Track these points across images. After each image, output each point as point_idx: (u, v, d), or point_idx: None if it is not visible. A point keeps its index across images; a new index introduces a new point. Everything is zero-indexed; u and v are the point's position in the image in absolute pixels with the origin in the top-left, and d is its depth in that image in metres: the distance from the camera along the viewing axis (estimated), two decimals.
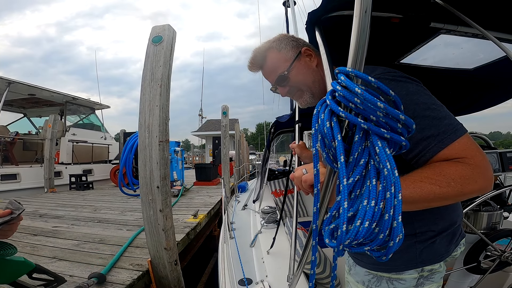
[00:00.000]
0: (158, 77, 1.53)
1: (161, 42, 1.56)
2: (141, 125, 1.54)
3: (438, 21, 0.78)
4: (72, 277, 1.64)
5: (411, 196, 0.50)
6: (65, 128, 7.64)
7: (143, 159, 1.55)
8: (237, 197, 3.86)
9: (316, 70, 0.81)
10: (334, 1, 0.69)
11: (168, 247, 1.61)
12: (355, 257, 0.81)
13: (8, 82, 5.89)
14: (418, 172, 0.53)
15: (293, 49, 0.82)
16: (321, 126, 0.46)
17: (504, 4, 0.73)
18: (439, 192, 0.50)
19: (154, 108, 1.51)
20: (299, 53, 0.81)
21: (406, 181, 0.51)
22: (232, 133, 8.50)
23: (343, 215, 0.41)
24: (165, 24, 1.60)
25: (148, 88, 1.52)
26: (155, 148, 1.52)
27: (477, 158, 0.53)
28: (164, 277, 1.64)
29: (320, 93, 0.80)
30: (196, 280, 2.92)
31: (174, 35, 1.64)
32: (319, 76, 0.80)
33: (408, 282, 0.70)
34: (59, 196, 5.41)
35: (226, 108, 5.18)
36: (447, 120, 0.57)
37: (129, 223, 3.16)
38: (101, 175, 7.87)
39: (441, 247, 0.70)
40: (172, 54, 1.63)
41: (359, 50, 0.41)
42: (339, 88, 0.43)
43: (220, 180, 6.13)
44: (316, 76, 0.80)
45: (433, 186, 0.50)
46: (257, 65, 0.87)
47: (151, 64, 1.56)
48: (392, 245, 0.41)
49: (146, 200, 1.58)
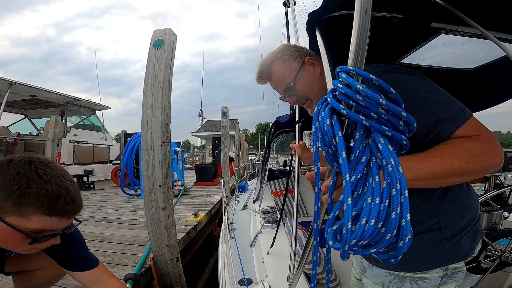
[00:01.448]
0: (160, 80, 1.55)
1: (162, 45, 1.59)
2: (143, 127, 1.57)
3: (438, 21, 0.79)
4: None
5: (442, 172, 0.51)
6: (66, 129, 7.67)
7: (145, 159, 1.57)
8: (237, 197, 3.88)
9: (321, 78, 0.81)
10: (334, 1, 0.70)
11: (170, 244, 1.64)
12: (371, 258, 0.79)
13: (10, 84, 5.92)
14: (443, 149, 0.55)
15: (297, 60, 0.84)
16: (321, 124, 0.46)
17: (504, 4, 0.73)
18: (466, 167, 0.52)
19: (156, 110, 1.53)
20: (303, 62, 0.83)
21: (436, 157, 0.53)
22: (232, 134, 8.52)
23: (348, 213, 0.39)
24: (166, 28, 1.62)
25: (150, 91, 1.55)
26: (158, 148, 1.54)
27: (489, 135, 0.56)
28: (166, 273, 1.67)
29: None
30: (197, 278, 2.95)
31: (174, 38, 1.66)
32: (324, 83, 0.80)
33: (433, 281, 0.69)
34: None
35: (225, 109, 5.21)
36: (455, 103, 0.60)
37: (131, 222, 3.19)
38: (102, 175, 7.89)
39: (466, 245, 0.70)
40: (173, 57, 1.65)
41: (359, 50, 0.42)
42: (340, 86, 0.43)
43: (220, 180, 6.15)
44: (321, 84, 0.82)
45: (461, 162, 0.52)
46: (264, 78, 0.90)
47: (153, 67, 1.58)
48: (402, 246, 0.39)
49: (148, 199, 1.60)
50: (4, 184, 0.66)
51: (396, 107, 0.42)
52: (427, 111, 0.60)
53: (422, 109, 0.60)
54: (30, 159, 0.72)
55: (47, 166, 0.73)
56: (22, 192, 0.65)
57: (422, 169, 0.52)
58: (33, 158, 0.73)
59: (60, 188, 0.70)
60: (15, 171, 0.67)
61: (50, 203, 0.68)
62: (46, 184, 0.68)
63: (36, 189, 0.66)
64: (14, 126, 8.31)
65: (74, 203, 0.74)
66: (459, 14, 0.71)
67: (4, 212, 0.67)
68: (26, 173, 0.67)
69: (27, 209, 0.67)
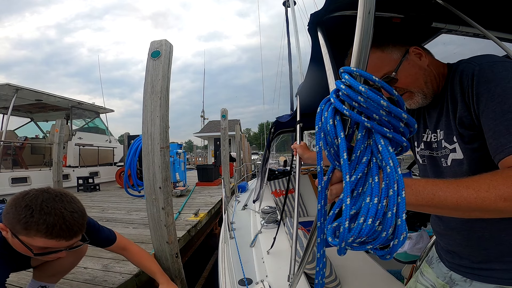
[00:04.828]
0: (157, 90, 1.68)
1: (159, 56, 1.69)
2: (144, 134, 1.71)
3: (439, 21, 0.79)
4: (86, 269, 1.86)
5: (468, 205, 0.44)
6: (72, 132, 7.84)
7: (146, 163, 1.72)
8: (237, 197, 3.89)
9: (429, 71, 0.71)
10: (336, 2, 0.70)
11: (170, 241, 1.76)
12: (472, 273, 0.67)
13: (16, 89, 6.10)
14: (485, 180, 0.46)
15: (399, 48, 0.73)
16: (324, 124, 0.46)
17: (504, 4, 0.74)
18: (498, 206, 0.43)
19: (155, 119, 1.67)
20: (406, 52, 0.72)
21: (469, 187, 0.45)
22: (233, 134, 8.63)
23: (346, 212, 0.40)
24: (162, 39, 1.75)
25: (150, 100, 1.68)
26: (157, 153, 1.68)
27: None
28: (166, 268, 1.80)
29: (433, 93, 0.72)
30: (198, 275, 3.07)
31: (171, 49, 1.78)
32: (432, 76, 0.71)
33: None
34: None
35: (225, 111, 5.35)
36: None
37: (136, 221, 3.33)
38: (107, 177, 8.07)
39: None
40: (170, 67, 1.77)
41: (362, 50, 0.42)
42: (343, 87, 0.44)
43: (221, 180, 6.30)
44: (429, 77, 0.71)
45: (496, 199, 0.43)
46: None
47: (151, 77, 1.69)
48: (397, 244, 0.40)
49: (150, 199, 1.74)
50: (16, 213, 0.92)
51: (398, 109, 0.42)
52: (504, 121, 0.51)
53: (499, 115, 0.52)
54: (40, 194, 0.96)
55: (54, 199, 0.96)
56: (26, 220, 0.91)
57: (444, 197, 0.45)
58: (44, 192, 0.98)
59: (58, 218, 0.93)
60: (25, 204, 0.93)
61: (47, 230, 0.92)
62: (45, 215, 0.92)
63: (36, 219, 0.91)
64: (20, 129, 8.49)
65: (69, 229, 0.96)
66: (459, 14, 0.71)
67: (17, 232, 0.94)
68: (32, 205, 0.92)
69: (31, 232, 0.92)
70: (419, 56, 0.72)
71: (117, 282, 1.66)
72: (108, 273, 1.79)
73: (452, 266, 0.74)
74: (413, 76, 0.72)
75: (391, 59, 0.72)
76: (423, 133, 0.77)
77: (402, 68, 0.71)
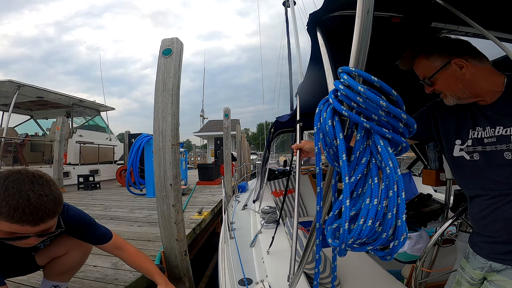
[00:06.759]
0: (169, 87, 1.69)
1: (171, 54, 1.71)
2: (155, 131, 1.72)
3: (439, 21, 0.80)
4: (96, 267, 1.86)
5: None
6: (72, 129, 7.82)
7: (157, 160, 1.72)
8: (237, 197, 3.88)
9: (468, 80, 0.76)
10: (335, 2, 0.70)
11: (179, 238, 1.76)
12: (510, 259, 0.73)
13: (18, 86, 6.08)
14: None
15: (441, 58, 0.78)
16: (323, 125, 0.46)
17: (504, 4, 0.75)
18: None
19: (167, 116, 1.68)
20: (448, 62, 0.76)
21: None
22: (234, 134, 8.65)
23: (345, 213, 0.40)
24: (174, 37, 1.77)
25: (161, 98, 1.69)
26: (168, 150, 1.69)
27: None
28: (175, 266, 1.81)
29: (469, 97, 0.78)
30: (201, 272, 3.10)
31: (181, 47, 1.79)
32: (471, 84, 0.76)
33: None
34: (69, 195, 5.57)
35: (227, 110, 5.35)
36: None
37: (139, 219, 3.33)
38: (107, 175, 8.04)
39: None
40: (181, 65, 1.78)
41: (361, 50, 0.42)
42: (341, 87, 0.43)
43: (221, 180, 6.31)
44: (466, 85, 0.76)
45: None
46: (406, 65, 0.88)
47: (163, 75, 1.70)
48: (397, 245, 0.40)
49: (160, 196, 1.74)
50: None
51: (397, 109, 0.42)
52: None
53: None
54: (10, 174, 0.88)
55: (22, 181, 0.87)
56: None
57: None
58: (16, 173, 0.89)
59: (22, 201, 0.84)
60: None
61: (9, 212, 0.83)
62: (9, 197, 0.83)
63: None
64: (20, 127, 8.46)
65: (32, 214, 0.85)
66: (459, 14, 0.72)
67: None
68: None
69: None
70: (460, 67, 0.76)
71: (128, 280, 1.66)
72: (118, 271, 1.79)
73: (491, 256, 0.79)
74: (449, 83, 0.78)
75: (432, 66, 0.79)
76: (472, 130, 0.81)
77: (440, 76, 0.78)
